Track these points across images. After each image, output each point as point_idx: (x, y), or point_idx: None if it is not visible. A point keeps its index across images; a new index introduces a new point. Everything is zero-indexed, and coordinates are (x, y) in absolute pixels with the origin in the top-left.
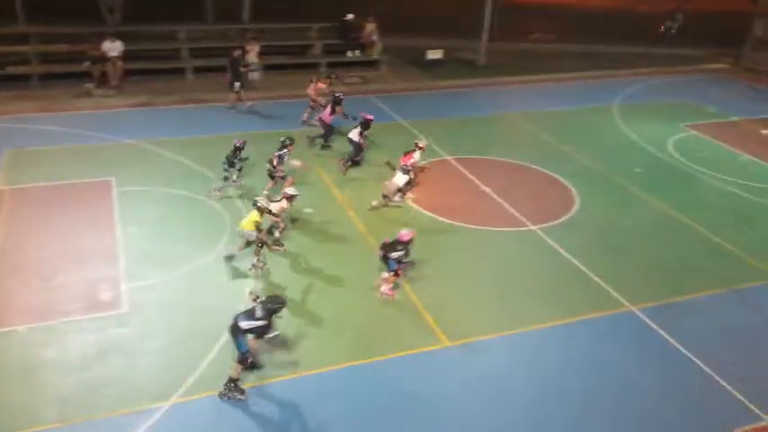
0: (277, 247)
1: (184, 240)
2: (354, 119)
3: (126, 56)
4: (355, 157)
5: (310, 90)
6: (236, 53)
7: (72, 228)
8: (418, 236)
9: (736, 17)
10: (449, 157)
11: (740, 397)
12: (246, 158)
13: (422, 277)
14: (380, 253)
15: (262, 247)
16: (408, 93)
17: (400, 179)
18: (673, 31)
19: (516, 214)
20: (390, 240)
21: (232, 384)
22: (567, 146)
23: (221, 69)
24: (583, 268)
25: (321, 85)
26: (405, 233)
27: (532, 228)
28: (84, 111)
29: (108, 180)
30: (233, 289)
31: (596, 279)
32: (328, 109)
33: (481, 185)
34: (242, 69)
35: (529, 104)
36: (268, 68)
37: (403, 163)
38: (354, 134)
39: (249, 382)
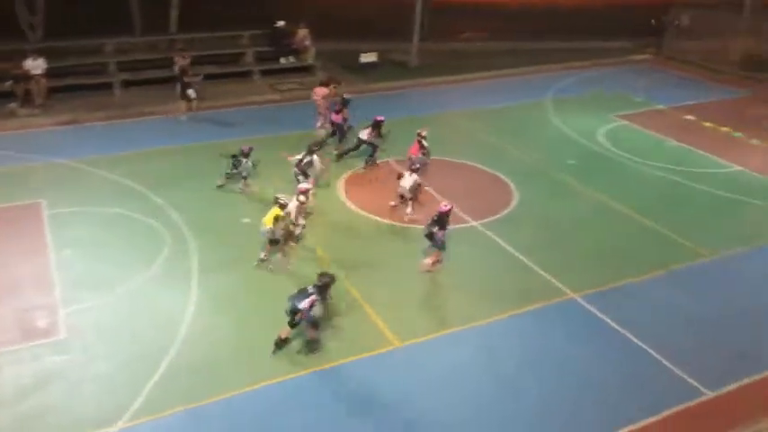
0: (293, 244)
1: (122, 260)
2: (350, 127)
3: (50, 73)
4: (372, 155)
5: (315, 97)
6: (185, 62)
7: (2, 254)
8: (362, 239)
9: (658, 8)
10: (389, 159)
11: (684, 375)
12: (253, 165)
13: (369, 280)
14: (426, 230)
15: (286, 243)
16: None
17: (407, 181)
18: (677, 23)
19: (458, 212)
20: (435, 217)
21: (314, 345)
22: (502, 142)
23: (150, 82)
24: (525, 260)
25: (324, 91)
26: (445, 205)
27: (474, 224)
28: (9, 132)
29: (38, 202)
30: (174, 307)
31: (539, 270)
32: (338, 110)
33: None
34: (185, 79)
35: (463, 103)
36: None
37: (411, 154)
38: (364, 134)
39: (180, 405)
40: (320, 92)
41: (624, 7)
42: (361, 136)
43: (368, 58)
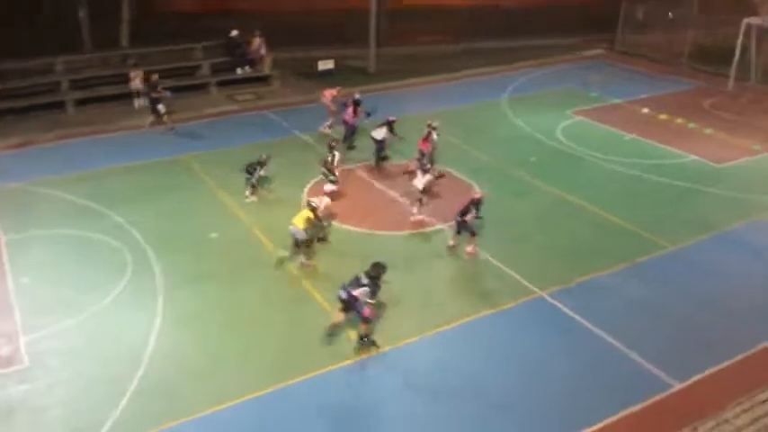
0: (323, 242)
1: (83, 283)
2: (368, 114)
3: None
4: (381, 154)
5: (324, 99)
6: (154, 77)
7: None
8: (331, 248)
9: (608, 3)
10: (352, 166)
11: (652, 368)
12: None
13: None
14: (458, 218)
15: (310, 245)
16: (303, 105)
17: (420, 181)
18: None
19: (422, 215)
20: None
21: (365, 339)
22: (463, 143)
23: (104, 99)
24: (491, 260)
25: (332, 92)
26: (477, 192)
27: (440, 227)
28: None
29: None
30: (139, 329)
31: (505, 269)
32: (350, 110)
33: (388, 191)
34: (154, 95)
35: (422, 106)
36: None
37: (421, 147)
38: (378, 133)
39: (150, 427)
40: (328, 94)
41: (575, 4)
42: (375, 136)
43: (325, 65)
